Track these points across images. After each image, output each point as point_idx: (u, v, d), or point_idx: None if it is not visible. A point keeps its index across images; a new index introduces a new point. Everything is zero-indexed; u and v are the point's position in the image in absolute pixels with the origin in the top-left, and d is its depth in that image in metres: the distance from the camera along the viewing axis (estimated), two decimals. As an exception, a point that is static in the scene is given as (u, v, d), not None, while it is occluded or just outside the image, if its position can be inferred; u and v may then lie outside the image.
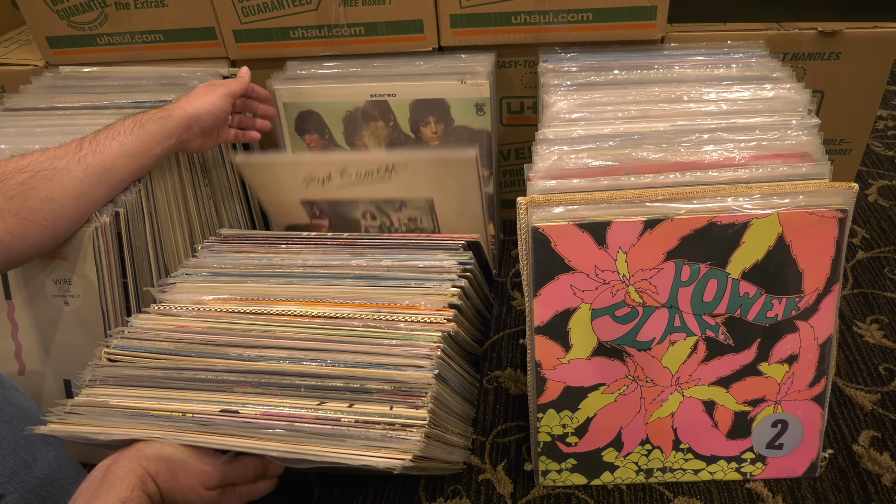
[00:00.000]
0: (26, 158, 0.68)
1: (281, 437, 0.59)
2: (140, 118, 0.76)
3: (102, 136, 0.73)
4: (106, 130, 0.74)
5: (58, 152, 0.69)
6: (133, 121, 0.76)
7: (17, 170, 0.66)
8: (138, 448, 0.59)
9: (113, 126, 0.75)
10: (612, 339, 0.67)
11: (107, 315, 0.77)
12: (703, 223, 0.62)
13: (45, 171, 0.67)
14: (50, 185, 0.67)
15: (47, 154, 0.69)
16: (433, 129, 0.95)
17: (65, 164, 0.69)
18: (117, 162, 0.73)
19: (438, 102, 0.93)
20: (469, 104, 0.92)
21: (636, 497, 0.74)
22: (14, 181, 0.66)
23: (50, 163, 0.68)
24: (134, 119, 0.76)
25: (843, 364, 0.87)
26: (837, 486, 0.73)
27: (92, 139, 0.72)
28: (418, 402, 0.61)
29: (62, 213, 0.69)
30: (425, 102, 0.94)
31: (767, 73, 0.82)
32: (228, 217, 1.00)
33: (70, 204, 0.69)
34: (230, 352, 0.66)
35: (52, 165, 0.68)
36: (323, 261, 0.78)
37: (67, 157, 0.69)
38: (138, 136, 0.75)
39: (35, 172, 0.67)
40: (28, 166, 0.67)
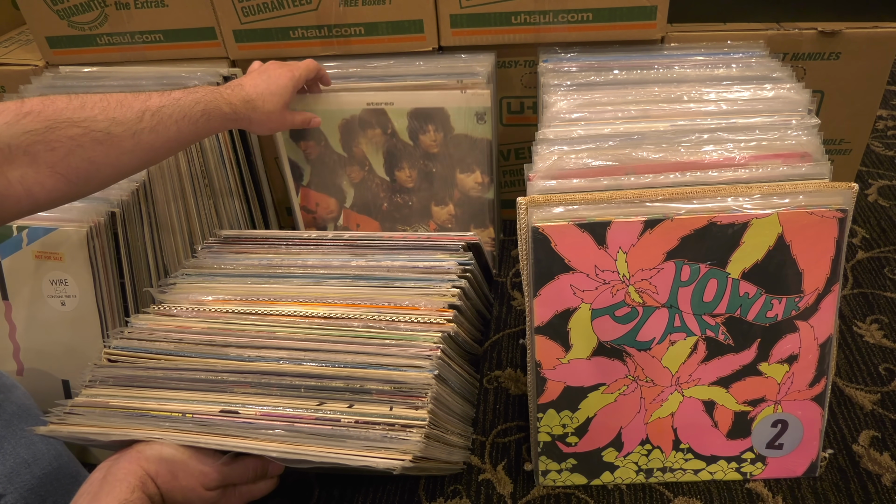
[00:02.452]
0: (85, 109, 0.63)
1: (281, 437, 0.59)
2: (208, 108, 0.73)
3: (166, 113, 0.69)
4: (172, 105, 0.70)
5: (118, 115, 0.65)
6: (203, 107, 0.72)
7: (71, 122, 0.62)
8: (138, 449, 0.59)
9: (180, 102, 0.70)
10: (612, 339, 0.67)
11: (104, 316, 0.77)
12: (703, 223, 0.62)
13: (98, 132, 0.63)
14: (97, 148, 0.64)
15: (107, 111, 0.64)
16: (432, 136, 0.94)
17: (120, 132, 0.65)
18: (168, 146, 0.71)
19: (437, 111, 0.92)
20: (469, 113, 0.92)
21: (636, 497, 0.74)
22: (63, 133, 0.61)
23: (106, 125, 0.64)
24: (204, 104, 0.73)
25: (843, 364, 0.87)
26: (837, 486, 0.73)
27: (156, 111, 0.68)
28: (418, 402, 0.61)
29: (97, 176, 0.66)
30: (424, 111, 0.92)
31: (767, 73, 0.82)
32: (228, 217, 1.01)
33: (107, 171, 0.66)
34: (230, 352, 0.66)
35: (107, 129, 0.64)
36: (323, 261, 0.78)
37: (125, 126, 0.65)
38: (197, 128, 0.72)
39: (88, 131, 0.63)
40: (83, 121, 0.62)
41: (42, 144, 0.60)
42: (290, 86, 0.83)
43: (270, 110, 0.80)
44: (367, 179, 0.99)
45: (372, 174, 0.98)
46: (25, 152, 0.59)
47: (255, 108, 0.79)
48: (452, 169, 0.96)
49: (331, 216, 1.03)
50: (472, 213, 0.99)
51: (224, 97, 0.76)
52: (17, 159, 0.59)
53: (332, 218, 1.03)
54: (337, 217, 1.03)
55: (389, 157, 0.97)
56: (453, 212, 0.99)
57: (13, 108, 0.60)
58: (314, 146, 0.98)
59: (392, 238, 0.80)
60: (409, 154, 0.96)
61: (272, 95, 0.80)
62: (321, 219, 1.04)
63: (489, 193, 0.97)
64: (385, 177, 0.98)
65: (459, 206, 0.99)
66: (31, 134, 0.59)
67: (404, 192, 0.99)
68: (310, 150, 0.99)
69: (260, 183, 1.07)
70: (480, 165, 0.95)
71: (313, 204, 1.03)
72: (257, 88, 0.79)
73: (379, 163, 0.97)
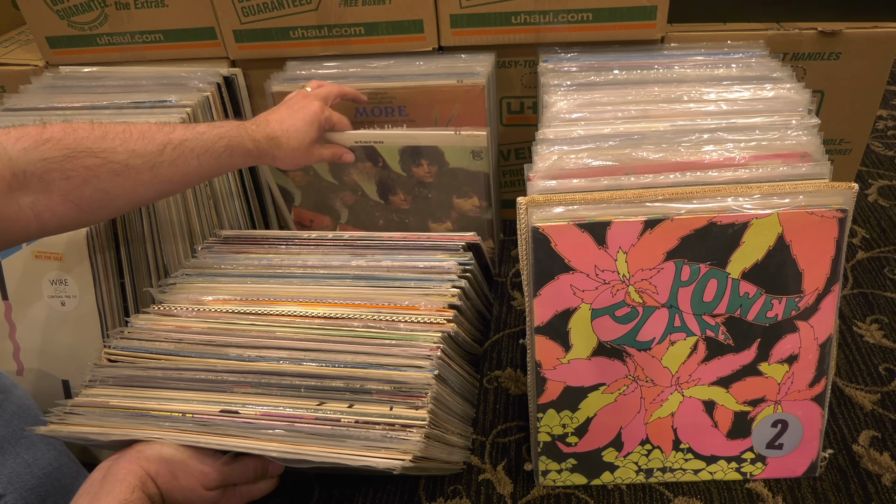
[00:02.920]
0: (106, 140, 0.62)
1: (281, 437, 0.59)
2: (231, 143, 0.72)
3: (188, 147, 0.68)
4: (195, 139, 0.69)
5: (139, 147, 0.64)
6: (226, 143, 0.71)
7: (90, 152, 0.61)
8: (138, 449, 0.59)
9: (204, 136, 0.69)
10: (612, 339, 0.67)
11: (104, 316, 0.77)
12: (703, 223, 0.62)
13: (116, 164, 0.63)
14: (114, 179, 0.63)
15: (128, 143, 0.64)
16: (426, 169, 0.92)
17: (139, 164, 0.64)
18: (187, 180, 0.70)
19: (430, 148, 0.89)
20: (465, 152, 0.88)
21: (636, 497, 0.74)
22: (81, 163, 0.60)
23: (125, 157, 0.63)
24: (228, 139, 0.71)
25: (843, 364, 0.87)
26: (837, 486, 0.73)
27: (178, 145, 0.67)
28: (418, 402, 0.61)
29: (110, 206, 0.65)
30: (416, 148, 0.90)
31: (767, 73, 0.82)
32: (228, 217, 1.00)
33: (120, 202, 0.66)
34: (230, 352, 0.66)
35: (126, 161, 0.63)
36: (323, 261, 0.78)
37: (144, 158, 0.64)
38: (220, 163, 0.71)
39: (106, 162, 0.62)
40: (102, 152, 0.62)
41: (58, 172, 0.59)
42: (316, 120, 0.80)
43: (295, 147, 0.78)
44: (361, 202, 0.98)
45: (365, 198, 0.97)
46: (40, 179, 0.59)
47: (280, 145, 0.77)
48: (449, 195, 0.95)
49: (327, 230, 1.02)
50: (471, 228, 0.96)
51: (248, 133, 0.74)
52: (30, 185, 0.59)
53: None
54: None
55: (382, 185, 0.95)
56: (451, 228, 0.98)
57: (34, 133, 0.59)
58: (302, 175, 0.97)
59: (392, 238, 0.80)
60: (402, 182, 0.94)
61: (297, 132, 0.78)
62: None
63: (488, 214, 0.96)
64: (379, 200, 0.97)
65: (457, 224, 0.98)
66: (48, 161, 0.59)
67: (400, 212, 0.98)
68: (297, 178, 0.98)
69: (260, 183, 1.07)
70: (478, 193, 0.93)
71: (307, 220, 1.02)
72: (283, 125, 0.78)
73: (372, 189, 0.96)
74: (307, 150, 0.80)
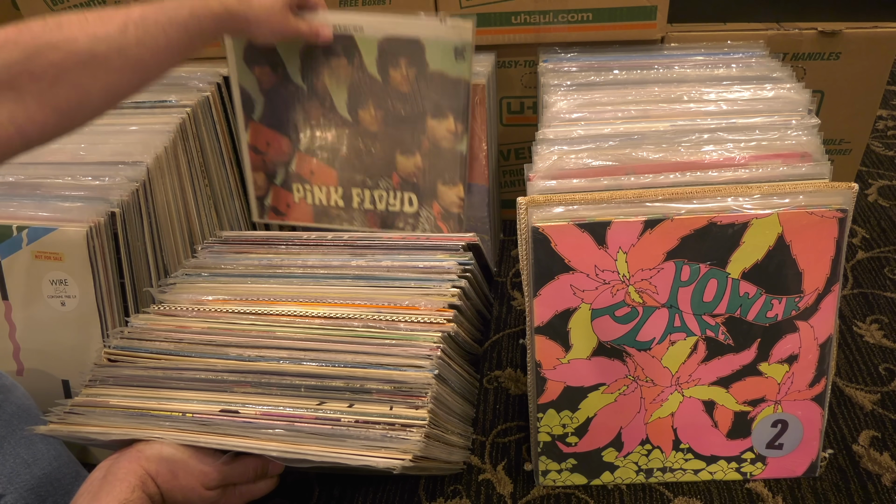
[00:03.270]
0: (62, 30, 0.57)
1: (281, 437, 0.59)
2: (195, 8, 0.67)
3: (151, 22, 0.63)
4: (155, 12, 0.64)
5: (99, 31, 0.59)
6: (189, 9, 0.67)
7: (51, 45, 0.56)
8: (138, 448, 0.59)
9: (164, 6, 0.65)
10: (612, 339, 0.67)
11: (104, 316, 0.77)
12: (703, 223, 0.62)
13: (81, 53, 0.58)
14: (83, 71, 0.58)
15: (86, 29, 0.58)
16: (404, 72, 0.85)
17: (104, 49, 0.59)
18: (160, 60, 0.65)
19: (412, 43, 0.83)
20: (448, 47, 0.82)
21: (636, 497, 0.74)
22: (45, 59, 0.56)
23: (88, 45, 0.58)
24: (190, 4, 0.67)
25: (843, 364, 0.87)
26: (837, 486, 0.73)
27: (139, 21, 0.62)
28: (418, 402, 0.61)
29: (88, 103, 0.60)
30: (397, 42, 0.83)
31: (767, 73, 0.82)
32: (228, 217, 1.00)
33: (98, 95, 0.61)
34: (230, 352, 0.66)
35: (90, 49, 0.58)
36: (323, 261, 0.78)
37: (108, 42, 0.59)
38: (189, 33, 0.67)
39: (70, 53, 0.57)
40: (63, 43, 0.57)
41: (25, 75, 0.55)
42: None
43: (269, 7, 0.75)
44: (327, 119, 0.91)
45: (333, 113, 0.90)
46: (10, 87, 0.54)
47: (251, 5, 0.73)
48: (423, 113, 0.88)
49: (282, 159, 0.95)
50: (442, 166, 0.89)
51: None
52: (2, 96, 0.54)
53: (283, 162, 0.95)
54: (289, 161, 0.95)
55: (354, 92, 0.88)
56: (420, 164, 0.90)
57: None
58: (269, 73, 0.89)
59: (392, 238, 0.80)
60: (376, 92, 0.87)
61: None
62: (271, 162, 0.95)
63: (462, 145, 0.89)
64: (347, 116, 0.90)
65: (428, 159, 0.90)
66: (12, 66, 0.54)
67: (367, 137, 0.91)
68: (264, 78, 0.90)
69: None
70: (455, 111, 0.86)
71: (263, 143, 0.94)
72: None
73: (342, 99, 0.89)
74: (282, 13, 0.76)
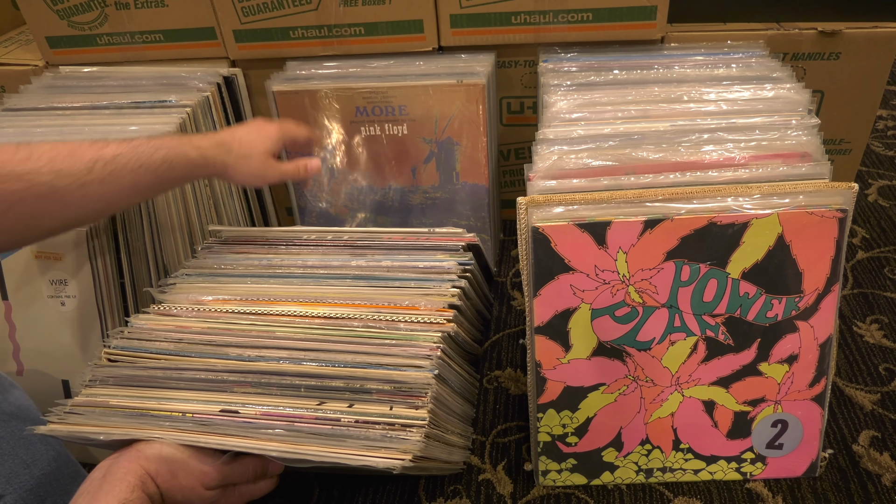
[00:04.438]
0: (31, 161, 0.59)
1: (281, 437, 0.59)
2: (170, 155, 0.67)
3: (121, 163, 0.63)
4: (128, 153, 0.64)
5: (65, 166, 0.60)
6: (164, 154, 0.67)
7: (14, 175, 0.58)
8: (138, 448, 0.59)
9: (138, 149, 0.65)
10: (612, 339, 0.67)
11: (104, 316, 0.77)
12: (703, 223, 0.62)
13: (41, 186, 0.59)
14: (39, 203, 0.60)
15: (54, 163, 0.60)
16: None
17: (65, 185, 0.60)
18: (124, 196, 0.65)
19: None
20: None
21: (636, 497, 0.74)
22: (6, 188, 0.58)
23: (50, 179, 0.59)
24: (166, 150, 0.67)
25: (843, 364, 0.87)
26: (837, 486, 0.73)
27: (109, 161, 0.63)
28: (418, 402, 0.61)
29: (39, 228, 0.62)
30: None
31: (767, 73, 0.82)
32: (228, 217, 1.01)
33: (49, 223, 0.62)
34: (230, 352, 0.66)
35: (51, 183, 0.59)
36: (323, 261, 0.78)
37: (71, 178, 0.61)
38: (159, 177, 0.67)
39: (31, 185, 0.59)
40: (26, 174, 0.58)
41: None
42: (275, 134, 0.77)
43: (247, 154, 0.74)
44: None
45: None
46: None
47: (230, 150, 0.73)
48: None
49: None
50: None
51: (192, 142, 0.70)
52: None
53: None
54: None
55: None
56: None
57: None
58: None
59: (392, 238, 0.80)
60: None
61: (250, 141, 0.75)
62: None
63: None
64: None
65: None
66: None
67: None
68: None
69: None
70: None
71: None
72: (234, 133, 0.75)
73: None
74: (263, 162, 0.76)
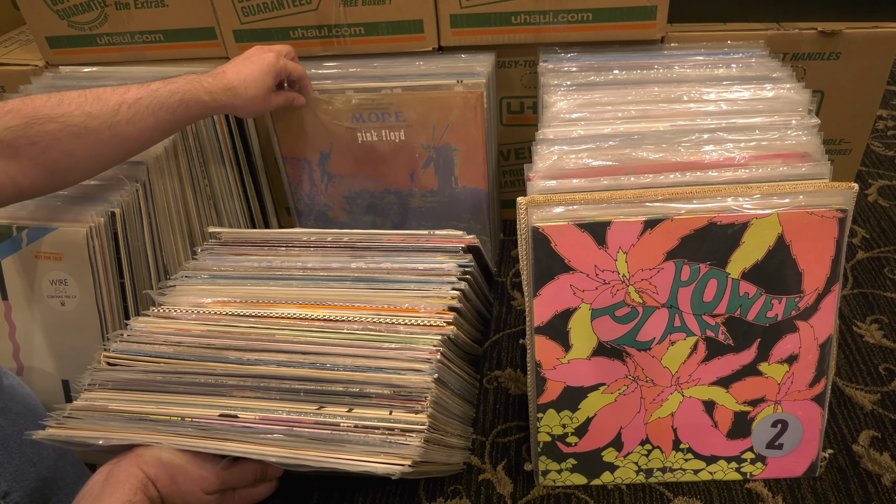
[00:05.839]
0: (62, 105, 0.67)
1: (280, 442, 0.59)
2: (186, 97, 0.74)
3: (143, 105, 0.71)
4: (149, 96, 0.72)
5: (94, 109, 0.68)
6: (180, 97, 0.74)
7: (49, 118, 0.66)
8: (138, 453, 0.59)
9: (157, 92, 0.73)
10: (612, 339, 0.67)
11: (104, 316, 0.77)
12: (703, 223, 0.62)
13: (75, 126, 0.67)
14: (75, 141, 0.67)
15: (83, 106, 0.68)
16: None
17: (96, 125, 0.68)
18: (147, 136, 0.73)
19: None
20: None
21: (636, 497, 0.74)
22: (42, 129, 0.65)
23: (82, 120, 0.67)
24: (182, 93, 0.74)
25: (843, 364, 0.87)
26: (837, 486, 0.73)
27: (132, 103, 0.71)
28: (418, 406, 0.61)
29: (77, 167, 0.69)
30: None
31: (767, 73, 0.82)
32: (228, 217, 1.00)
33: (86, 162, 0.70)
34: (229, 355, 0.66)
35: (83, 123, 0.67)
36: (323, 263, 0.78)
37: (101, 119, 0.68)
38: (175, 117, 0.74)
39: (65, 126, 0.66)
40: (61, 117, 0.66)
41: (23, 139, 0.64)
42: (272, 69, 0.82)
43: (254, 95, 0.81)
44: None
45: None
46: (9, 146, 0.64)
47: (238, 94, 0.79)
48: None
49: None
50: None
51: (204, 86, 0.77)
52: (1, 152, 0.64)
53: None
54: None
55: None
56: None
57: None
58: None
59: (392, 240, 0.80)
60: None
61: (254, 81, 0.80)
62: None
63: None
64: None
65: None
66: (12, 130, 0.64)
67: None
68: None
69: (260, 183, 1.07)
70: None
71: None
72: (240, 75, 0.80)
73: None
74: (265, 98, 0.82)
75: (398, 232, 0.81)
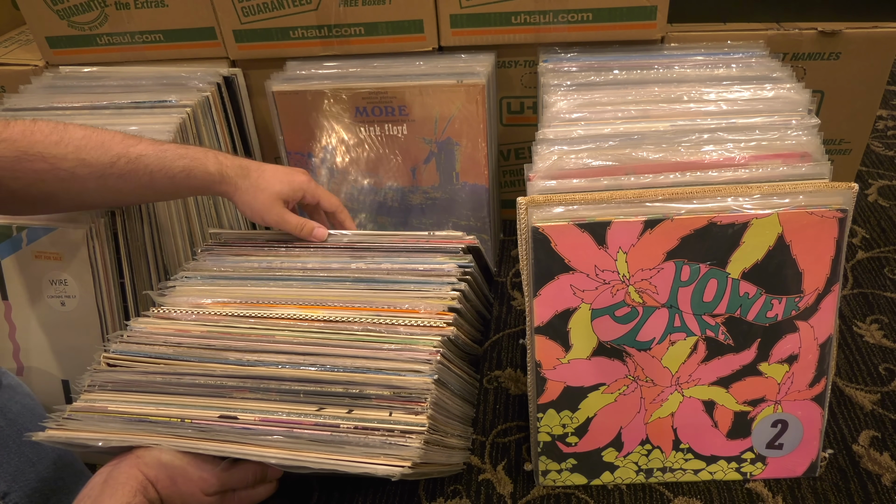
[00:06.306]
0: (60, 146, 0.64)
1: (280, 443, 0.59)
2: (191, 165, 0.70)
3: (143, 163, 0.68)
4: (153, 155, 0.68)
5: (90, 156, 0.66)
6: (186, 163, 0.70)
7: (41, 156, 0.63)
8: (137, 454, 0.59)
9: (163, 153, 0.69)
10: (612, 339, 0.67)
11: (103, 316, 0.77)
12: (703, 223, 0.62)
13: (63, 171, 0.65)
14: (59, 185, 0.66)
15: (81, 151, 0.65)
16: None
17: (86, 174, 0.66)
18: (138, 193, 0.71)
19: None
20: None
21: (636, 497, 0.74)
22: (30, 167, 0.63)
23: (73, 166, 0.65)
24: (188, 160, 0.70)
25: (843, 364, 0.87)
26: (837, 486, 0.73)
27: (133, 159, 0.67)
28: (418, 407, 0.61)
29: (55, 206, 0.70)
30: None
31: (767, 73, 0.82)
32: (228, 217, 1.00)
33: (66, 203, 0.70)
34: (229, 356, 0.66)
35: (72, 169, 0.65)
36: (322, 264, 0.78)
37: (93, 168, 0.66)
38: (175, 184, 0.71)
39: (53, 168, 0.64)
40: (52, 158, 0.64)
41: (8, 172, 0.63)
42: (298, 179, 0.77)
43: (263, 188, 0.74)
44: None
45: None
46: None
47: (247, 176, 0.74)
48: None
49: None
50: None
51: (217, 157, 0.73)
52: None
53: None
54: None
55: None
56: None
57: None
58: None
59: (392, 241, 0.80)
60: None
61: (273, 175, 0.75)
62: None
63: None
64: None
65: None
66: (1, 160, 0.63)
67: None
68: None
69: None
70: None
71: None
72: (261, 166, 0.76)
73: None
74: (271, 202, 0.75)
75: (398, 233, 0.81)
